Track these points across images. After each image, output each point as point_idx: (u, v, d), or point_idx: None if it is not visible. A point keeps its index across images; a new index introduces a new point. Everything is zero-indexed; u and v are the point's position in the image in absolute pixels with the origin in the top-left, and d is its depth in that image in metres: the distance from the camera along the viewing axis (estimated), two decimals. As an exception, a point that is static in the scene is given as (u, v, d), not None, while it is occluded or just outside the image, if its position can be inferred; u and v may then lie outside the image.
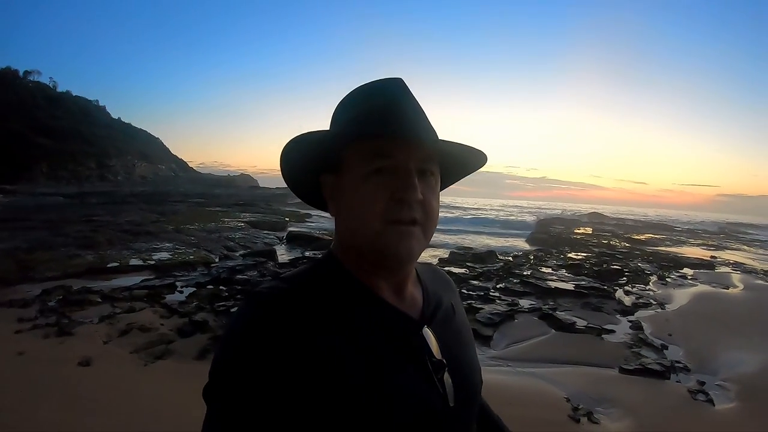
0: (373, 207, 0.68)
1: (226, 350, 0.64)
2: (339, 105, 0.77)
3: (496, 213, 44.68)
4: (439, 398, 0.70)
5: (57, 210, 22.08)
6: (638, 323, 6.95)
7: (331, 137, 0.73)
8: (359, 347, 0.66)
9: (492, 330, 6.42)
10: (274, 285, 0.70)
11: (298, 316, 0.64)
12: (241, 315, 0.66)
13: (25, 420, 3.47)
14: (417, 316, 0.75)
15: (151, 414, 3.55)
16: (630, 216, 49.03)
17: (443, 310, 0.82)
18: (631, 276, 11.39)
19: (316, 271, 0.74)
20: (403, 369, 0.68)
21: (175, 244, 13.16)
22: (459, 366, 0.76)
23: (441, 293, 0.85)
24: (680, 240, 24.82)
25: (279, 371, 0.60)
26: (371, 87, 0.75)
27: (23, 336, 5.35)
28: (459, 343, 0.81)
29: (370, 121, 0.70)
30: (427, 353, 0.71)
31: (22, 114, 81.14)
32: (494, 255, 13.86)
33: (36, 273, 8.67)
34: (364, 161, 0.69)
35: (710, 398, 4.47)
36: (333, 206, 0.75)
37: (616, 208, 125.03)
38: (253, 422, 0.59)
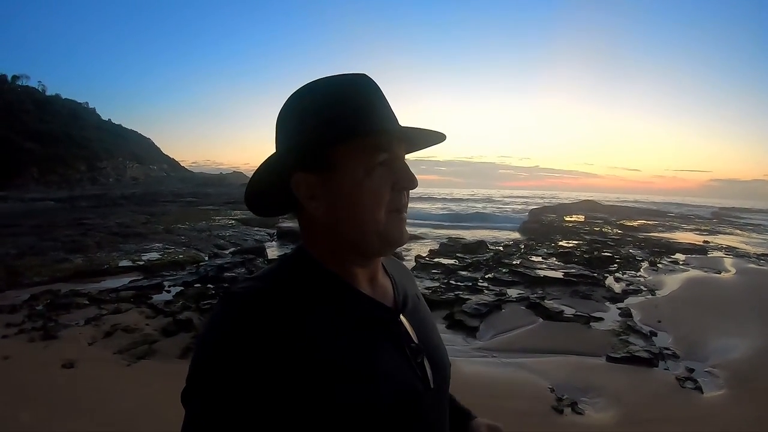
0: (381, 198, 0.71)
1: (204, 354, 0.63)
2: (303, 104, 0.73)
3: (487, 204, 44.73)
4: (420, 381, 0.73)
5: (47, 215, 21.95)
6: (627, 310, 6.95)
7: (315, 137, 0.71)
8: (343, 338, 0.67)
9: (478, 321, 6.42)
10: (249, 284, 0.70)
11: (277, 314, 0.64)
12: (218, 317, 0.66)
13: (5, 423, 3.47)
14: (391, 304, 0.78)
15: (131, 413, 3.54)
16: (623, 203, 49.08)
17: (411, 298, 0.84)
18: (622, 263, 11.42)
19: (290, 268, 0.74)
20: (387, 355, 0.71)
21: (164, 244, 13.14)
22: (432, 349, 0.79)
23: (405, 282, 0.89)
24: (673, 225, 24.85)
25: (261, 373, 0.60)
26: (345, 84, 0.73)
27: (9, 341, 5.35)
28: (427, 328, 0.84)
29: (366, 118, 0.71)
30: (405, 339, 0.75)
31: (11, 119, 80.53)
32: (484, 245, 13.86)
33: (24, 278, 8.62)
34: (365, 156, 0.70)
35: (699, 386, 4.44)
36: (318, 205, 0.72)
37: (609, 195, 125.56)
38: (236, 425, 0.58)
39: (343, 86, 0.73)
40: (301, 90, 0.74)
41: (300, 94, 0.74)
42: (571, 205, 35.17)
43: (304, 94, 0.74)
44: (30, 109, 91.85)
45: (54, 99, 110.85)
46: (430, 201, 46.82)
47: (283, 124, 0.75)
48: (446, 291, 8.10)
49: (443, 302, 7.30)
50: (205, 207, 27.13)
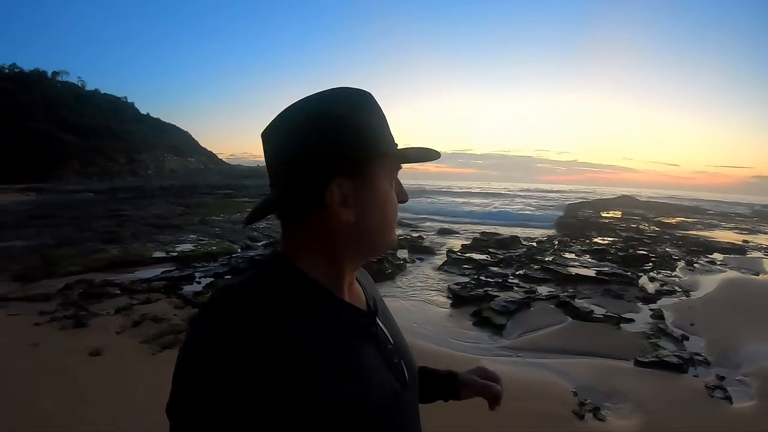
0: (397, 209, 0.80)
1: (187, 368, 0.63)
2: (340, 112, 0.72)
3: (524, 200, 44.02)
4: (398, 381, 0.77)
5: (85, 206, 22.58)
6: (660, 312, 6.71)
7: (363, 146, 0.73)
8: (330, 345, 0.68)
9: (505, 318, 6.32)
10: (232, 294, 0.70)
11: (261, 325, 0.64)
12: (200, 329, 0.66)
13: (22, 408, 3.56)
14: (365, 309, 0.81)
15: (152, 401, 3.53)
16: (661, 199, 47.75)
17: (379, 302, 0.88)
18: (658, 261, 11.07)
19: (273, 277, 0.73)
20: (370, 358, 0.74)
21: (199, 235, 13.35)
22: (403, 350, 0.85)
23: (370, 286, 0.92)
24: (712, 223, 24.05)
25: (246, 385, 0.59)
26: (370, 99, 0.77)
27: (41, 328, 5.49)
28: (395, 329, 0.88)
29: (392, 135, 0.78)
30: (384, 341, 0.79)
31: (52, 114, 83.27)
32: (518, 240, 13.68)
33: (59, 268, 8.85)
34: (392, 171, 0.78)
35: (728, 395, 4.22)
36: (350, 211, 0.73)
37: (648, 190, 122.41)
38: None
39: (371, 100, 0.77)
40: (324, 97, 0.73)
41: (328, 101, 0.73)
42: (608, 201, 34.36)
43: (335, 102, 0.73)
44: (70, 104, 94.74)
45: (93, 94, 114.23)
46: (465, 195, 46.24)
47: (312, 128, 0.71)
48: (475, 287, 8.00)
49: (472, 299, 7.22)
50: (241, 199, 27.44)
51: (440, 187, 64.51)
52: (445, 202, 35.85)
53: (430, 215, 23.63)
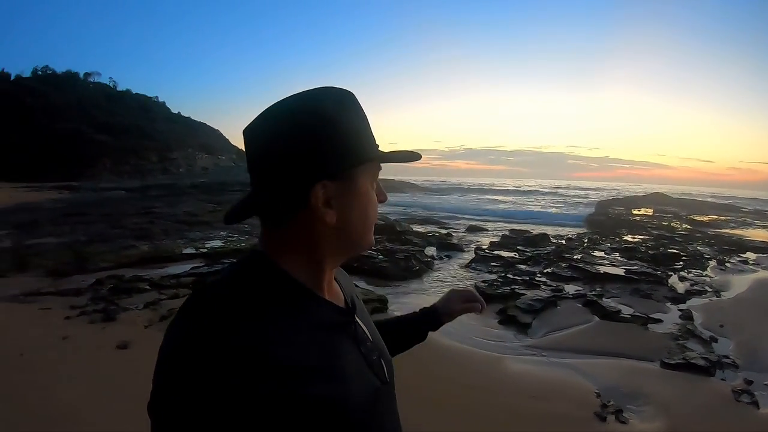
0: (377, 210, 0.80)
1: (167, 366, 0.62)
2: (327, 113, 0.71)
3: (554, 197, 43.38)
4: (378, 377, 0.79)
5: (117, 204, 23.16)
6: (689, 312, 6.55)
7: (350, 148, 0.73)
8: (311, 343, 0.68)
9: (531, 317, 6.26)
10: (212, 292, 0.70)
11: (241, 323, 0.63)
12: (180, 327, 0.65)
13: (52, 397, 3.68)
14: (343, 306, 0.82)
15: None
16: (694, 196, 46.63)
17: (356, 299, 0.89)
18: (689, 260, 10.80)
19: (253, 275, 0.73)
20: (350, 355, 0.75)
21: (228, 232, 13.50)
22: (380, 347, 0.86)
23: (348, 283, 0.93)
24: (746, 222, 23.35)
25: (235, 376, 0.59)
26: (353, 99, 0.77)
27: (71, 322, 5.63)
28: (372, 327, 0.90)
29: (373, 136, 0.78)
30: (362, 338, 0.80)
31: (84, 113, 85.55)
32: (547, 238, 13.55)
33: (91, 264, 9.06)
34: (373, 172, 0.78)
35: (755, 400, 4.05)
36: (331, 213, 0.72)
37: (681, 187, 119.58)
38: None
39: (354, 101, 0.77)
40: (306, 97, 0.73)
41: (311, 100, 0.72)
42: (640, 198, 33.69)
43: (317, 102, 0.72)
44: (102, 104, 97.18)
45: (125, 94, 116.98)
46: (495, 192, 45.76)
47: (295, 129, 0.71)
48: (502, 285, 7.94)
49: (498, 296, 7.17)
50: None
51: (470, 184, 64.19)
52: (474, 199, 35.60)
53: (458, 213, 23.46)
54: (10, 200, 25.20)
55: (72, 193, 34.09)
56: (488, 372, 4.52)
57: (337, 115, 0.72)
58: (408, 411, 0.77)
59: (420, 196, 38.20)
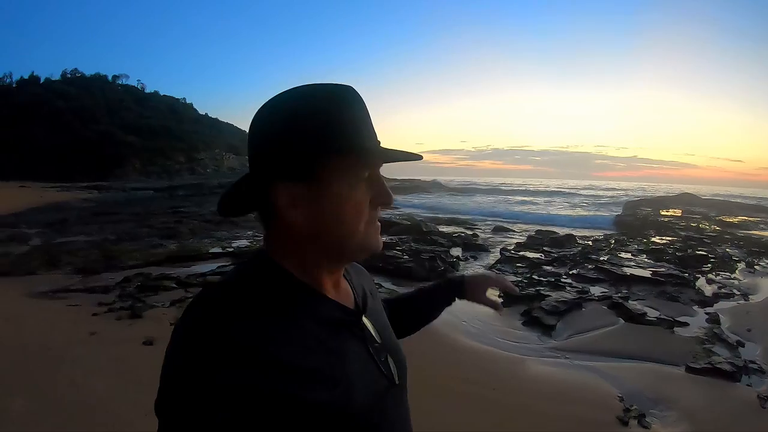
0: (362, 212, 0.74)
1: (172, 365, 0.63)
2: (291, 111, 0.71)
3: (581, 198, 42.66)
4: (385, 378, 0.78)
5: (145, 203, 23.66)
6: (716, 316, 6.40)
7: (306, 147, 0.69)
8: (314, 344, 0.68)
9: (555, 319, 6.19)
10: (214, 292, 0.71)
11: (246, 318, 0.64)
12: (185, 327, 0.66)
13: (81, 389, 3.79)
14: (352, 306, 0.81)
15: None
16: (724, 197, 45.49)
17: (369, 298, 0.88)
18: (717, 263, 10.50)
19: (255, 274, 0.73)
20: (356, 357, 0.74)
21: (255, 232, 13.59)
22: (392, 347, 0.85)
23: (361, 281, 0.92)
24: (776, 223, 22.77)
25: (236, 376, 0.59)
26: (336, 95, 0.72)
27: (98, 318, 5.77)
28: (385, 325, 0.88)
29: (357, 134, 0.72)
30: (369, 339, 0.79)
31: (113, 115, 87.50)
32: (573, 239, 13.33)
33: (120, 262, 9.25)
34: (352, 172, 0.72)
35: None
36: (297, 214, 0.71)
37: (710, 188, 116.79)
38: (218, 429, 0.58)
39: (335, 97, 0.72)
40: (287, 95, 0.72)
41: (286, 99, 0.72)
42: (668, 199, 32.94)
43: (291, 100, 0.71)
44: (131, 106, 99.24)
45: (153, 96, 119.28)
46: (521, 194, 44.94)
47: (265, 127, 0.72)
48: (527, 286, 7.87)
49: (522, 297, 7.05)
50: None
51: (496, 185, 63.59)
52: (500, 200, 35.17)
53: (484, 216, 23.15)
54: (41, 200, 25.90)
55: (101, 193, 34.90)
56: (511, 373, 4.49)
57: (310, 113, 0.70)
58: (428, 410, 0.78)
59: (446, 196, 38.02)
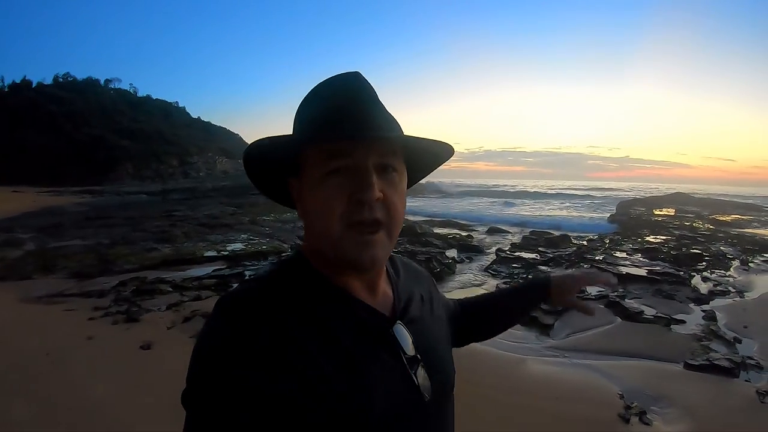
0: (332, 209, 0.67)
1: (200, 357, 0.64)
2: (299, 105, 0.75)
3: (574, 198, 42.70)
4: (414, 393, 0.71)
5: (139, 207, 23.58)
6: (712, 313, 6.43)
7: (287, 141, 0.72)
8: (333, 346, 0.66)
9: (553, 318, 6.19)
10: (243, 288, 0.70)
11: (270, 317, 0.64)
12: (214, 320, 0.66)
13: (79, 394, 3.76)
14: (389, 312, 0.76)
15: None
16: (716, 195, 45.78)
17: (415, 304, 0.82)
18: (711, 261, 10.57)
19: (286, 272, 0.74)
20: (378, 366, 0.69)
21: (249, 235, 13.61)
22: (433, 360, 0.77)
23: (412, 286, 0.86)
24: (769, 221, 22.91)
25: (255, 374, 0.59)
26: (326, 85, 0.73)
27: (94, 322, 5.73)
28: (432, 336, 0.82)
29: (324, 123, 0.69)
30: (400, 349, 0.72)
31: (106, 119, 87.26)
32: (568, 239, 13.40)
33: (115, 266, 9.22)
34: (320, 162, 0.68)
35: None
36: (299, 209, 0.74)
37: (702, 186, 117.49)
38: (233, 427, 0.59)
39: (325, 87, 0.73)
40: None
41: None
42: (661, 198, 33.12)
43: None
44: (123, 110, 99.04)
45: (145, 99, 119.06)
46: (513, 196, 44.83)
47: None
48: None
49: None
50: (292, 200, 27.88)
51: (488, 186, 63.66)
52: (493, 203, 35.04)
53: (476, 217, 22.83)
54: (34, 204, 25.78)
55: (95, 197, 34.76)
56: (510, 373, 4.49)
57: (299, 108, 0.75)
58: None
59: (439, 198, 37.97)
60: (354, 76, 0.72)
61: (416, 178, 0.84)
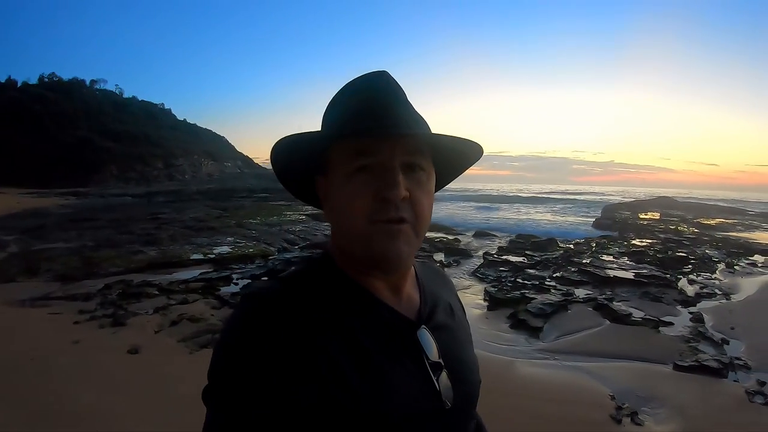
0: (356, 207, 0.66)
1: (222, 353, 0.63)
2: (328, 104, 0.75)
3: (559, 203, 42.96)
4: (435, 399, 0.69)
5: (124, 209, 23.32)
6: (699, 315, 6.52)
7: (316, 139, 0.71)
8: (355, 348, 0.65)
9: (542, 321, 6.24)
10: (268, 286, 0.70)
11: (293, 316, 0.63)
12: (237, 317, 0.66)
13: (66, 401, 3.68)
14: (414, 316, 0.74)
15: (189, 398, 3.60)
16: (700, 199, 46.45)
17: (441, 310, 0.80)
18: (697, 264, 10.73)
19: (312, 271, 0.73)
20: (399, 370, 0.67)
21: (236, 238, 13.52)
22: (457, 366, 0.75)
23: (439, 293, 0.85)
24: (752, 225, 23.03)
25: (276, 373, 0.59)
26: (354, 84, 0.72)
27: (80, 326, 5.66)
28: (456, 343, 0.80)
29: (351, 120, 0.68)
30: (423, 354, 0.71)
31: (91, 120, 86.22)
32: (555, 242, 13.53)
33: (100, 269, 9.13)
34: (346, 160, 0.67)
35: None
36: (326, 207, 0.73)
37: (687, 191, 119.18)
38: (252, 425, 0.58)
39: (354, 85, 0.72)
40: None
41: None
42: (646, 202, 33.56)
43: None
44: (109, 111, 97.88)
45: (131, 101, 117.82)
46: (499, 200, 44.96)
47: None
48: (512, 289, 7.95)
49: (508, 301, 7.16)
50: (278, 202, 27.76)
51: (474, 190, 63.90)
52: (478, 206, 35.07)
53: (462, 221, 22.68)
54: (18, 206, 25.40)
55: (79, 199, 34.36)
56: (501, 376, 4.49)
57: (327, 107, 0.75)
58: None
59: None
60: (382, 75, 0.71)
61: (445, 180, 0.83)
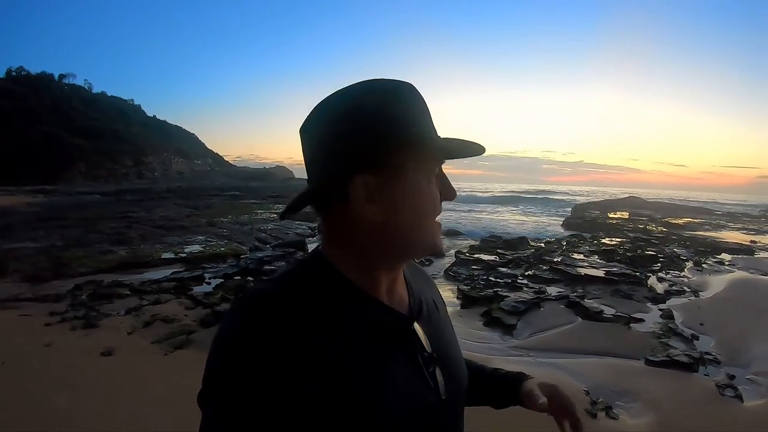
0: (437, 207, 0.74)
1: (217, 355, 0.63)
2: (359, 104, 0.70)
3: (530, 203, 43.49)
4: (431, 392, 0.72)
5: (93, 208, 22.77)
6: (669, 312, 6.70)
7: (382, 137, 0.68)
8: (353, 345, 0.65)
9: (516, 319, 6.32)
10: (263, 287, 0.70)
11: (289, 317, 0.63)
12: (232, 318, 0.66)
13: (38, 406, 3.60)
14: (405, 312, 0.76)
15: (165, 400, 3.59)
16: (668, 199, 47.58)
17: (427, 306, 0.82)
18: (666, 262, 11.05)
19: (306, 272, 0.73)
20: (397, 365, 0.69)
21: (207, 237, 13.43)
22: (447, 360, 0.78)
23: (423, 289, 0.86)
24: (719, 224, 23.86)
25: (272, 374, 0.59)
26: (401, 89, 0.72)
27: (51, 328, 5.54)
28: (444, 337, 0.81)
29: (428, 127, 0.73)
30: (418, 348, 0.73)
31: (59, 116, 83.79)
32: (526, 241, 13.72)
33: (70, 269, 8.96)
34: (428, 164, 0.72)
35: (739, 393, 4.22)
36: (375, 207, 0.69)
37: (654, 191, 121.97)
38: (251, 425, 0.58)
39: (400, 91, 0.72)
40: (344, 93, 0.71)
41: (346, 95, 0.71)
42: (615, 201, 34.28)
43: (353, 96, 0.70)
44: (77, 107, 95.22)
45: (100, 96, 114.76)
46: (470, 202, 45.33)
47: (331, 125, 0.70)
48: (485, 288, 8.03)
49: (481, 299, 7.24)
50: (249, 201, 27.56)
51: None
52: (448, 205, 34.95)
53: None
54: (-18, 204, 24.62)
55: (47, 197, 33.34)
56: (477, 373, 4.55)
57: (374, 106, 0.69)
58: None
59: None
60: (414, 86, 0.75)
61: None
